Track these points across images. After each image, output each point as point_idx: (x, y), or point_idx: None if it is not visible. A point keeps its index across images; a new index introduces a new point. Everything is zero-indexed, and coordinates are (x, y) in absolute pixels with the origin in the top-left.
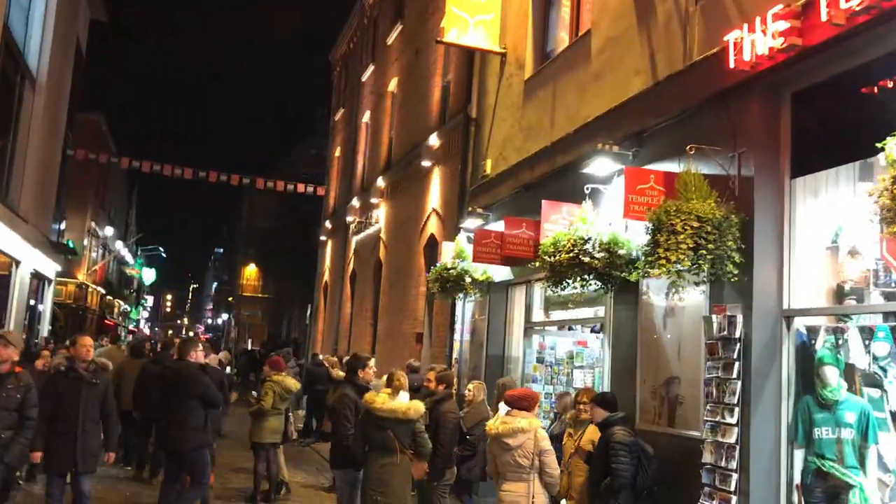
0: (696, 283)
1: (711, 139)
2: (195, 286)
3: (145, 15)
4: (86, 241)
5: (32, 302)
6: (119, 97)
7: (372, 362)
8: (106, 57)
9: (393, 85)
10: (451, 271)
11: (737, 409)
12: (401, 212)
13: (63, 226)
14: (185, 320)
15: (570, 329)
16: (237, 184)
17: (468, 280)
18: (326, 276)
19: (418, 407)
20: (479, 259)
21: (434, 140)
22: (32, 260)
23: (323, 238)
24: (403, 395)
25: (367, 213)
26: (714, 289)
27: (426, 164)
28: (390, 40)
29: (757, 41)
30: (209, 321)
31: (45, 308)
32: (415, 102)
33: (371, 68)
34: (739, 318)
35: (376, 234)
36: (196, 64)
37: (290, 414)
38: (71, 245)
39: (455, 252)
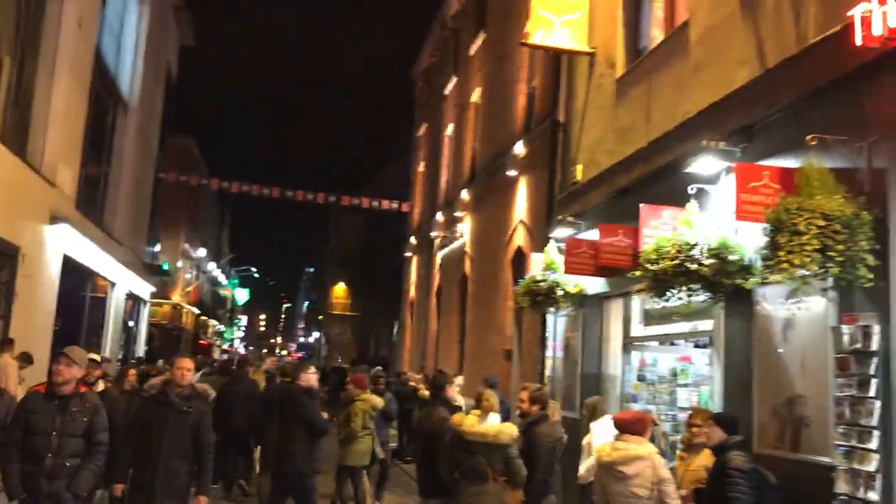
0: (823, 290)
1: (835, 128)
2: (288, 305)
3: (230, 37)
4: (179, 263)
5: (130, 323)
6: (207, 120)
7: (459, 380)
8: (194, 81)
9: (476, 95)
10: (540, 284)
11: (876, 433)
12: (486, 224)
13: (157, 248)
14: (279, 339)
15: (672, 344)
16: (323, 202)
17: (559, 293)
18: (412, 293)
19: (510, 430)
20: (571, 270)
21: (519, 148)
22: (127, 281)
23: (408, 254)
24: (493, 417)
25: (451, 227)
26: (843, 296)
27: (511, 173)
28: (473, 51)
29: (890, 13)
30: (301, 339)
31: (141, 328)
32: (499, 111)
33: (454, 80)
34: (876, 329)
35: (461, 248)
36: (283, 84)
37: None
38: (165, 267)
39: (545, 263)
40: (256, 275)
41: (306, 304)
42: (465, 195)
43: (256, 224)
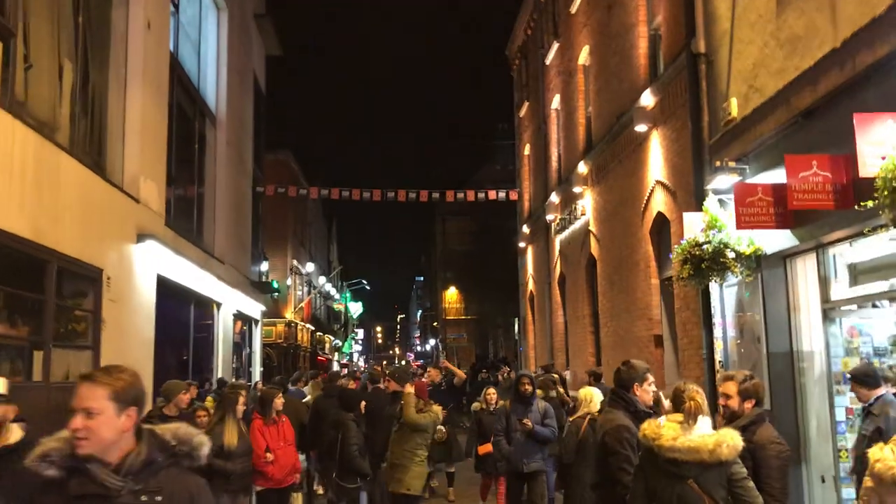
0: None
1: None
2: (402, 316)
3: (316, 44)
4: (289, 280)
5: (239, 342)
6: (303, 131)
7: (651, 377)
8: (286, 91)
9: (584, 56)
10: (704, 247)
11: None
12: (612, 196)
13: (265, 266)
14: (396, 350)
15: (892, 303)
16: (427, 199)
17: (730, 255)
18: (531, 286)
19: (733, 439)
20: (746, 224)
21: (647, 99)
22: (235, 301)
23: (522, 245)
24: (704, 423)
25: (569, 207)
26: None
27: (641, 128)
28: (574, 8)
29: None
30: (418, 348)
31: (255, 348)
32: (614, 66)
33: (555, 47)
34: None
35: (584, 227)
36: (376, 87)
37: None
38: (275, 284)
39: (707, 222)
40: (368, 287)
41: (419, 312)
42: (582, 168)
43: (363, 237)
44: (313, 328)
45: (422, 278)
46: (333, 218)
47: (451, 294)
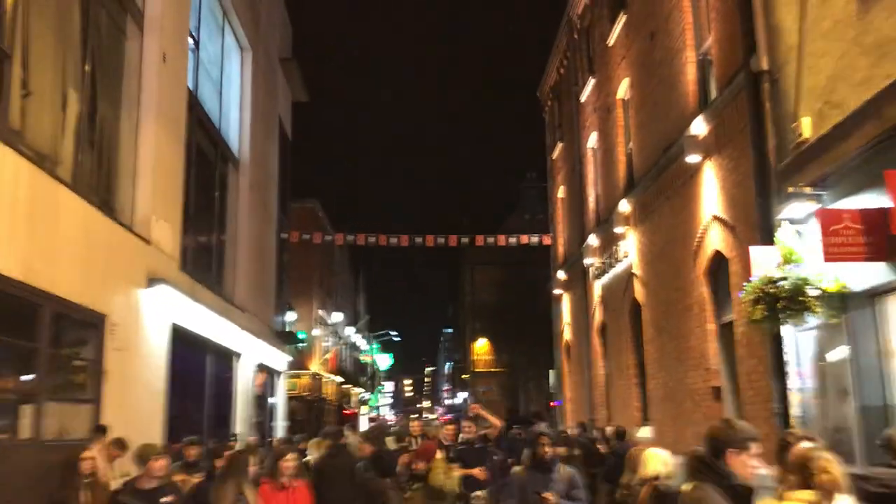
0: None
1: None
2: (431, 369)
3: (341, 89)
4: (315, 331)
5: (257, 393)
6: (328, 179)
7: (756, 447)
8: (311, 138)
9: (623, 90)
10: (780, 284)
11: None
12: (658, 235)
13: (291, 316)
14: (425, 403)
15: None
16: (456, 244)
17: (811, 294)
18: (567, 335)
19: None
20: (834, 256)
21: (699, 127)
22: (255, 351)
23: (557, 292)
24: (843, 502)
25: (609, 249)
26: None
27: (693, 159)
28: (612, 40)
29: None
30: (447, 401)
31: (279, 402)
32: (659, 96)
33: (591, 84)
34: None
35: (626, 271)
36: (402, 136)
37: None
38: (301, 335)
39: (782, 256)
40: (397, 338)
41: (448, 365)
42: (623, 207)
43: (391, 290)
44: (340, 380)
45: (450, 330)
46: (360, 269)
47: (481, 346)
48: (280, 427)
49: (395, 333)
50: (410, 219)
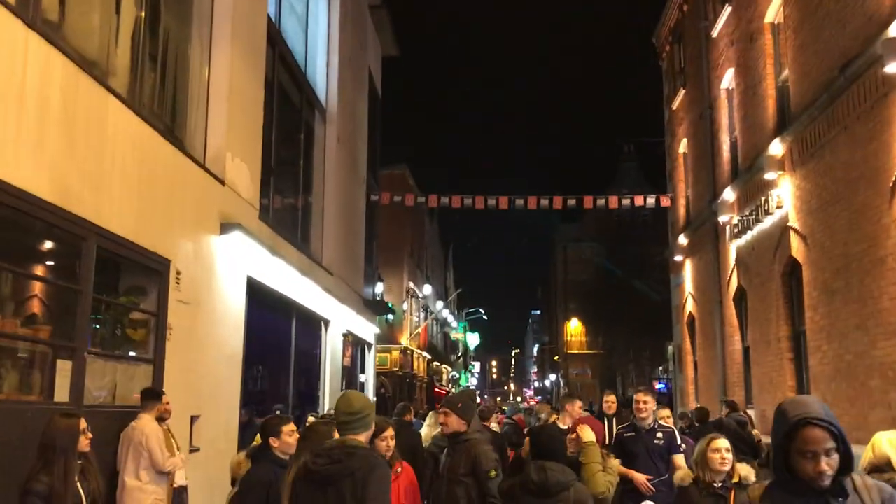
0: None
1: None
2: (517, 351)
3: (433, 46)
4: (405, 304)
5: (355, 371)
6: (420, 143)
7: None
8: (401, 99)
9: (773, 11)
10: None
11: None
12: (830, 177)
13: (380, 288)
14: (511, 385)
15: None
16: (562, 206)
17: None
18: (690, 307)
19: None
20: None
21: None
22: (346, 321)
23: (678, 259)
24: None
25: (753, 202)
26: None
27: (894, 68)
28: None
29: None
30: (536, 384)
31: (368, 376)
32: (831, 4)
33: (726, 13)
34: None
35: (779, 224)
36: (491, 104)
37: None
38: (391, 306)
39: None
40: (486, 317)
41: (536, 347)
42: (775, 149)
43: (479, 270)
44: (430, 357)
45: (538, 312)
46: (450, 245)
47: (574, 328)
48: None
49: (483, 312)
50: (503, 192)
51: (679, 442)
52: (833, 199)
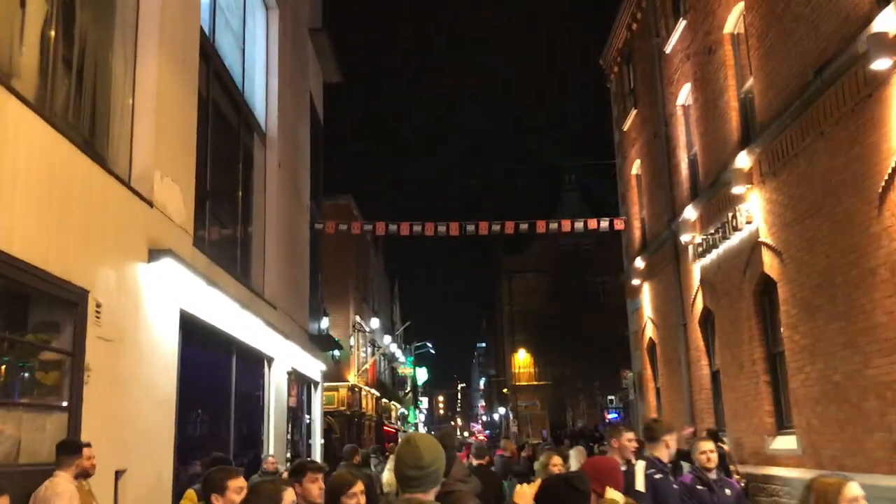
0: None
1: None
2: (463, 385)
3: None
4: (352, 340)
5: (308, 412)
6: (362, 173)
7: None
8: (344, 128)
9: (733, 21)
10: None
11: None
12: (807, 187)
13: (325, 323)
14: (458, 420)
15: None
16: (513, 231)
17: None
18: (650, 332)
19: None
20: None
21: (889, 20)
22: (288, 356)
23: (635, 282)
24: None
25: (718, 219)
26: None
27: (881, 65)
28: None
29: None
30: (483, 418)
31: (315, 417)
32: (800, 7)
33: (680, 27)
34: None
35: (749, 240)
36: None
37: None
38: (337, 340)
39: None
40: (433, 351)
41: (483, 380)
42: (742, 162)
43: (423, 303)
44: (378, 394)
45: (484, 344)
46: (395, 278)
47: (523, 359)
48: (317, 445)
49: (430, 345)
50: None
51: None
52: (811, 210)
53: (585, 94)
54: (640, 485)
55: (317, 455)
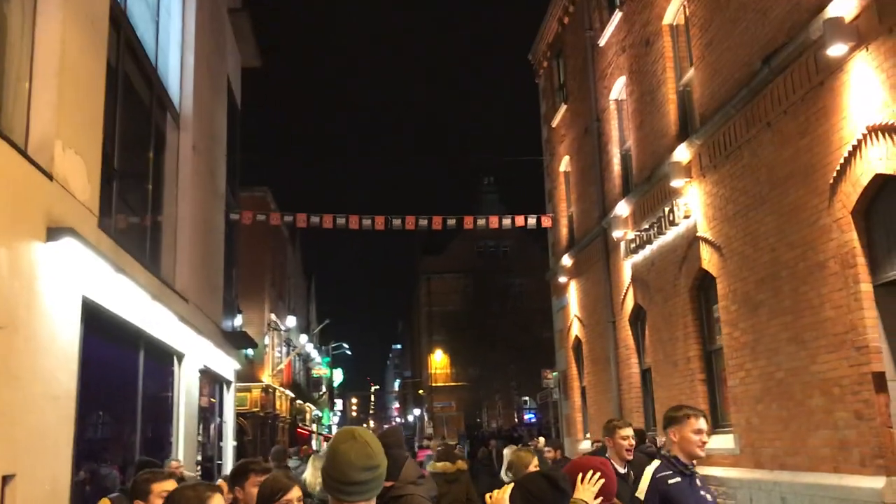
0: None
1: None
2: (377, 387)
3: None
4: (266, 339)
5: (219, 414)
6: (280, 164)
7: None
8: (263, 117)
9: (672, 12)
10: None
11: None
12: (751, 179)
13: (239, 320)
14: (372, 422)
15: None
16: (440, 227)
17: None
18: (577, 331)
19: None
20: None
21: (843, 6)
22: (200, 353)
23: (561, 280)
24: None
25: (653, 214)
26: None
27: (837, 51)
28: None
29: None
30: (398, 419)
31: (227, 418)
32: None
33: (616, 20)
34: None
35: (686, 236)
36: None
37: None
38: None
39: None
40: (349, 352)
41: (398, 382)
42: (682, 155)
43: (338, 305)
44: (293, 395)
45: (399, 346)
46: (312, 276)
47: (440, 360)
48: (228, 448)
49: (347, 347)
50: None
51: None
52: (755, 203)
53: (511, 93)
54: (640, 490)
55: (228, 459)
